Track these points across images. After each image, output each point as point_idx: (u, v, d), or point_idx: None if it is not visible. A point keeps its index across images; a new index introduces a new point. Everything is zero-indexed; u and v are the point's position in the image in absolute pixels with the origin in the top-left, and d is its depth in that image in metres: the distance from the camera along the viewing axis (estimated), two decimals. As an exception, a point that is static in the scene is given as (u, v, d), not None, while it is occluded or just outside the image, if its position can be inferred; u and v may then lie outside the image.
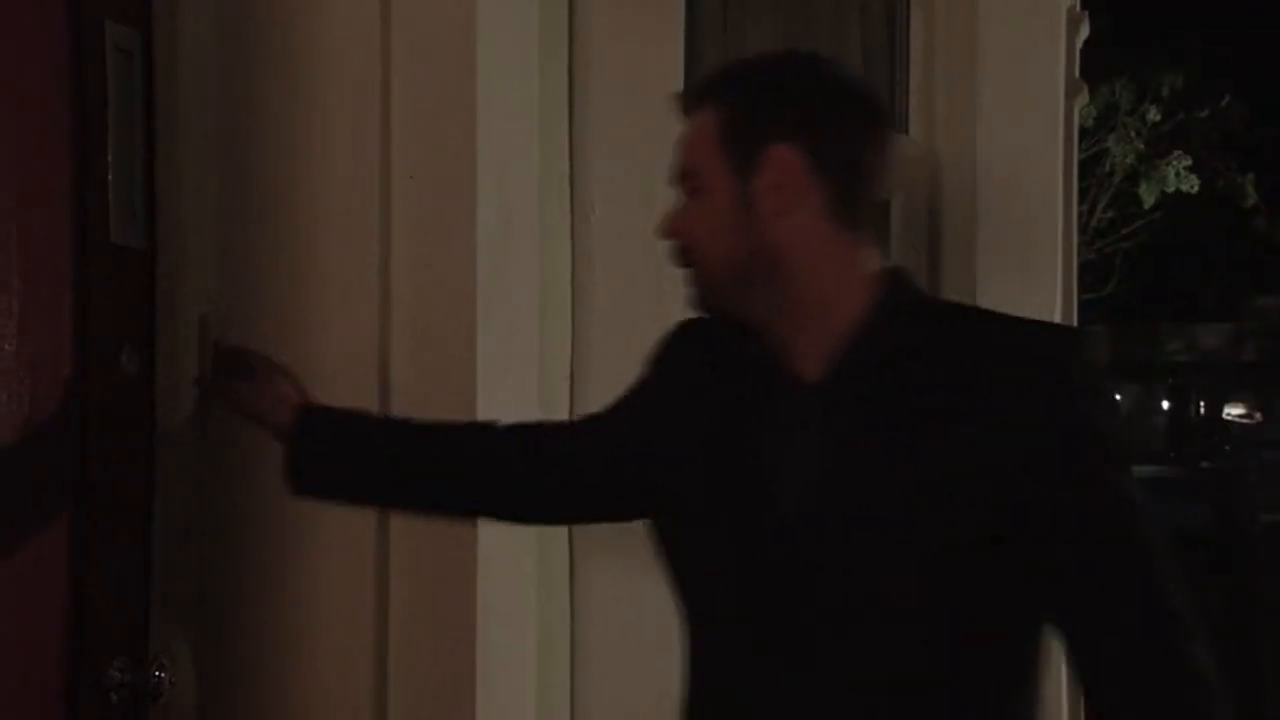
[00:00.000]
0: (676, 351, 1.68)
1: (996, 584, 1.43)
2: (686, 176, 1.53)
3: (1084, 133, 12.05)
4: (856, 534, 1.44)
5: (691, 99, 1.55)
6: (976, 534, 1.41)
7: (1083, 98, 3.36)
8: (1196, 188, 13.67)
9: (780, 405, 1.52)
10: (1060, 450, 1.42)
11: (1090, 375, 1.46)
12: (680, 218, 1.54)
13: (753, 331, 1.55)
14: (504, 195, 2.13)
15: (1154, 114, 14.08)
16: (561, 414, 2.37)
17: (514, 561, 2.19)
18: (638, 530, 1.63)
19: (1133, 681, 1.41)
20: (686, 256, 1.54)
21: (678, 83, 2.47)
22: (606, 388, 2.35)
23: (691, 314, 1.61)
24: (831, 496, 1.46)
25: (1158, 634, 1.41)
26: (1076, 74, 3.20)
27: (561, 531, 2.44)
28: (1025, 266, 2.80)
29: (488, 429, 1.83)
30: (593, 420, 1.77)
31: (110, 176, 1.87)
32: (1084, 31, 3.28)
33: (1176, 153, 13.72)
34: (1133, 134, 13.98)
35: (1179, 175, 13.54)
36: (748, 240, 1.49)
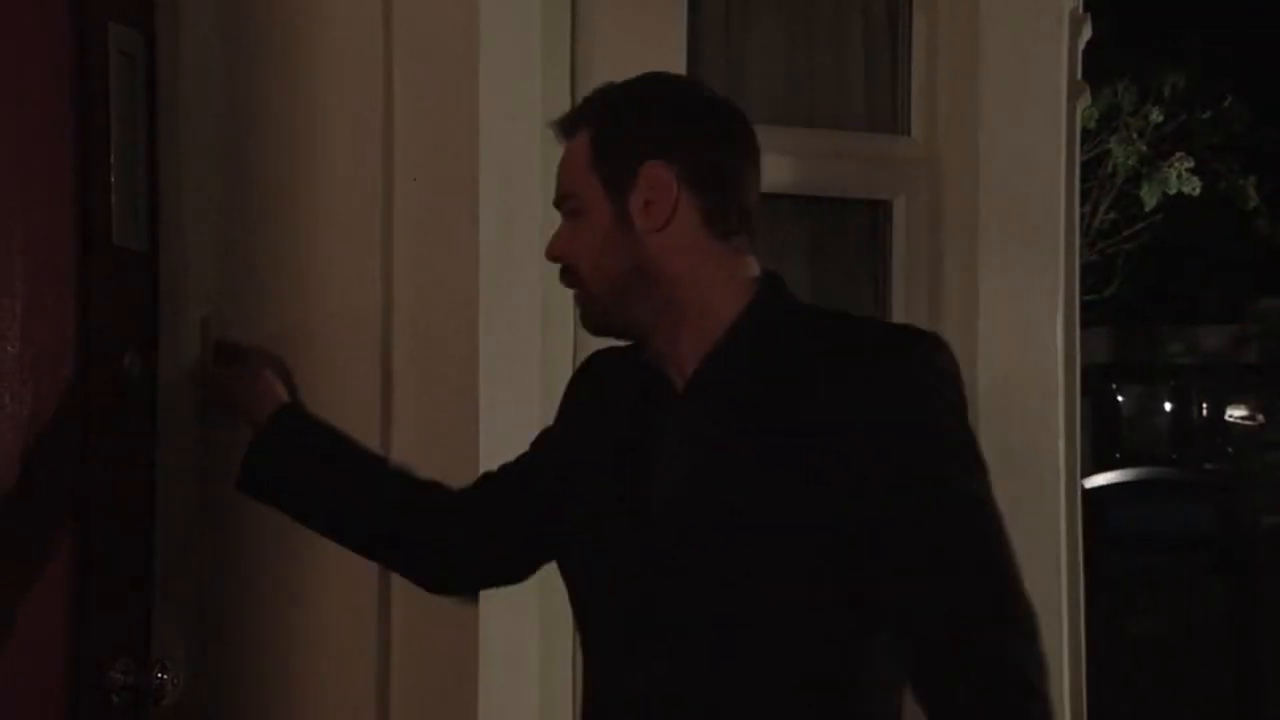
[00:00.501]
0: (579, 385, 1.76)
1: (851, 581, 1.47)
2: (565, 199, 1.60)
3: (1086, 134, 12.04)
4: (718, 534, 1.50)
5: (566, 125, 1.62)
6: (829, 532, 1.45)
7: (1085, 99, 3.34)
8: (1198, 190, 13.65)
9: (660, 413, 1.58)
10: (899, 449, 1.46)
11: (938, 378, 1.50)
12: (561, 239, 1.61)
13: (641, 346, 1.61)
14: (506, 197, 2.13)
15: (1156, 115, 14.05)
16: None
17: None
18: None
19: (952, 680, 1.43)
20: (571, 276, 1.60)
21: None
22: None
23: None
24: (695, 498, 1.52)
25: (981, 633, 1.43)
26: (1078, 75, 3.19)
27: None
28: (1027, 268, 2.79)
29: (443, 493, 1.85)
30: (509, 470, 1.81)
31: (112, 178, 1.87)
32: (1086, 33, 3.27)
33: (1178, 154, 13.70)
34: (1135, 135, 13.96)
35: (1180, 177, 13.52)
36: (627, 256, 1.55)
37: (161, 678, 1.89)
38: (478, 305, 2.06)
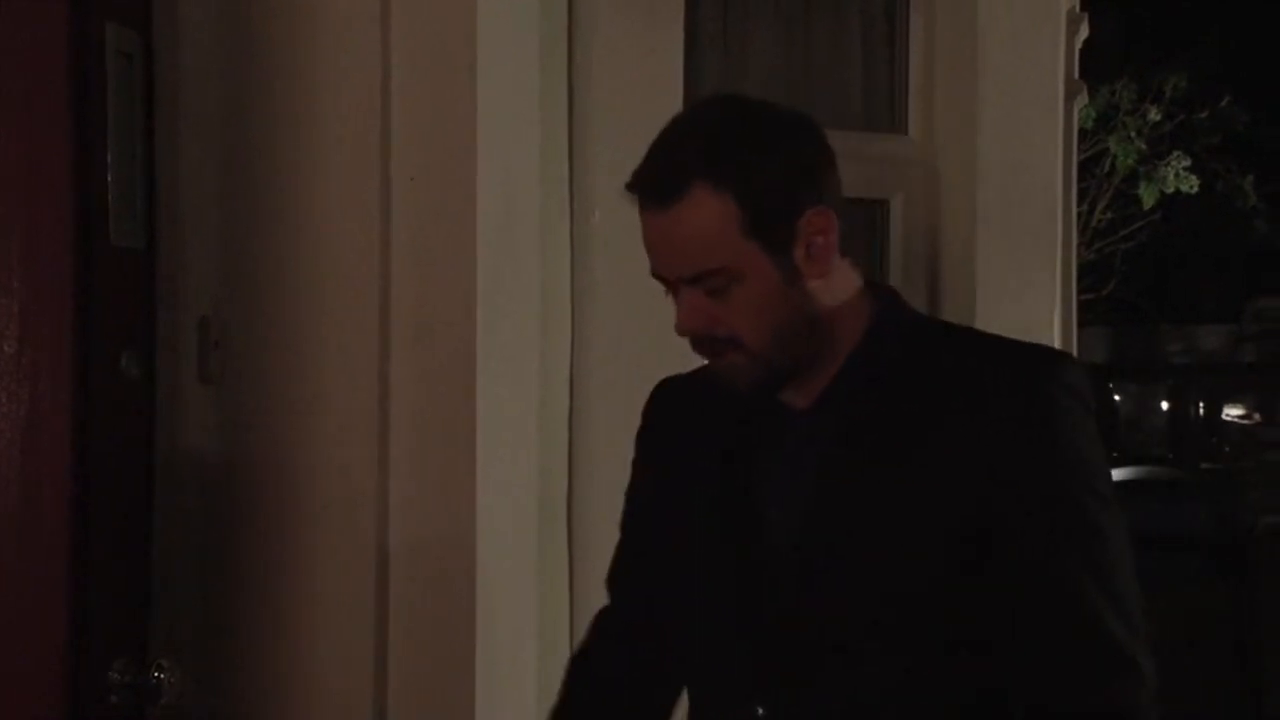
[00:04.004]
0: (659, 416, 1.67)
1: (976, 604, 1.41)
2: (711, 275, 1.43)
3: (1084, 133, 12.04)
4: (845, 558, 1.44)
5: (664, 188, 1.42)
6: (958, 554, 1.40)
7: (1082, 98, 3.36)
8: (1196, 188, 13.68)
9: (775, 432, 1.52)
10: (1030, 472, 1.40)
11: (1074, 400, 1.43)
12: (709, 313, 1.45)
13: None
14: (505, 197, 2.13)
15: (1154, 114, 14.07)
16: (561, 416, 2.37)
17: (514, 546, 2.19)
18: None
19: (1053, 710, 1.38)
20: (722, 346, 1.46)
21: (678, 84, 2.47)
22: (606, 389, 2.36)
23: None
24: (821, 521, 1.46)
25: (1100, 678, 1.38)
26: (1076, 74, 3.20)
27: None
28: (1024, 267, 2.80)
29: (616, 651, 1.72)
30: (630, 549, 1.71)
31: (110, 178, 1.87)
32: (1083, 32, 3.28)
33: (1175, 153, 13.72)
34: (1133, 134, 13.98)
35: (1178, 176, 13.54)
36: (798, 309, 1.45)
37: (159, 677, 1.89)
38: (476, 306, 2.06)
